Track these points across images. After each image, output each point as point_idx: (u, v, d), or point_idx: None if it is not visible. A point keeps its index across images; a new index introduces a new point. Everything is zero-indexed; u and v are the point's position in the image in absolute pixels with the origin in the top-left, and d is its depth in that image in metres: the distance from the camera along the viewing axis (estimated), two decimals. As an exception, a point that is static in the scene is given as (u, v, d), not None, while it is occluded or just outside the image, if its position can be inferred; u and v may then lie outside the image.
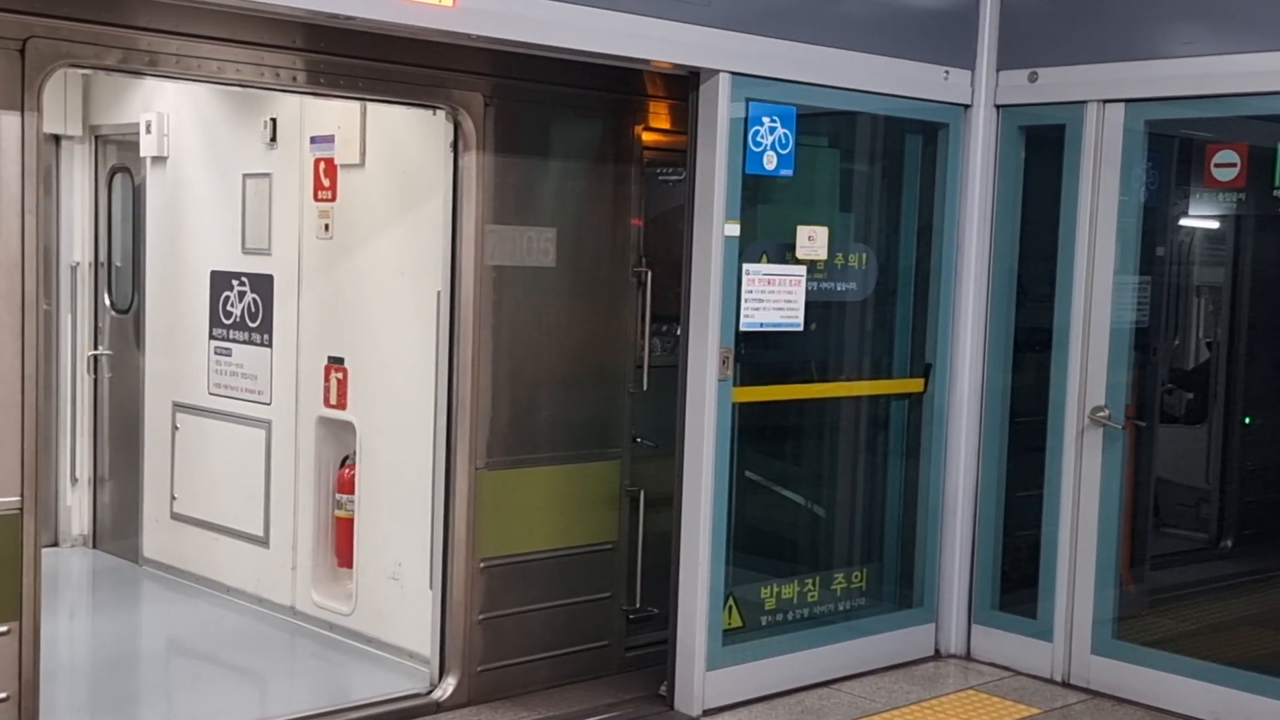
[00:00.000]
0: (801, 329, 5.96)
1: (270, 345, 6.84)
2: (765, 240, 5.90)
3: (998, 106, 6.47)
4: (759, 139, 5.67)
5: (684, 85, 5.65)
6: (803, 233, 5.95)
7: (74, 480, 8.06)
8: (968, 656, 6.63)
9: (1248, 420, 7.43)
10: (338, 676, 6.24)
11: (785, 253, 5.92)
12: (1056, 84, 6.24)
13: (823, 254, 6.03)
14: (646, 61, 5.47)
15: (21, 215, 4.47)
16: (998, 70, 6.44)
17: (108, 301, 8.00)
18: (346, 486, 6.49)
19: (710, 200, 5.55)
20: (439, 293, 5.65)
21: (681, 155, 5.77)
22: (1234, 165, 6.31)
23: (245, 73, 5.04)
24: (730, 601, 5.87)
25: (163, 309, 7.54)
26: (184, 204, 7.38)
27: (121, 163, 7.91)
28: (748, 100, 5.61)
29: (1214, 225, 7.19)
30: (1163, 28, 5.97)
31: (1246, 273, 7.26)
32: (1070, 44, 6.19)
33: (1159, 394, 6.83)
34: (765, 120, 5.68)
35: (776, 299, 5.82)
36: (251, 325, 6.94)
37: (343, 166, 6.39)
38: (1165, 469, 7.13)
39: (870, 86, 6.04)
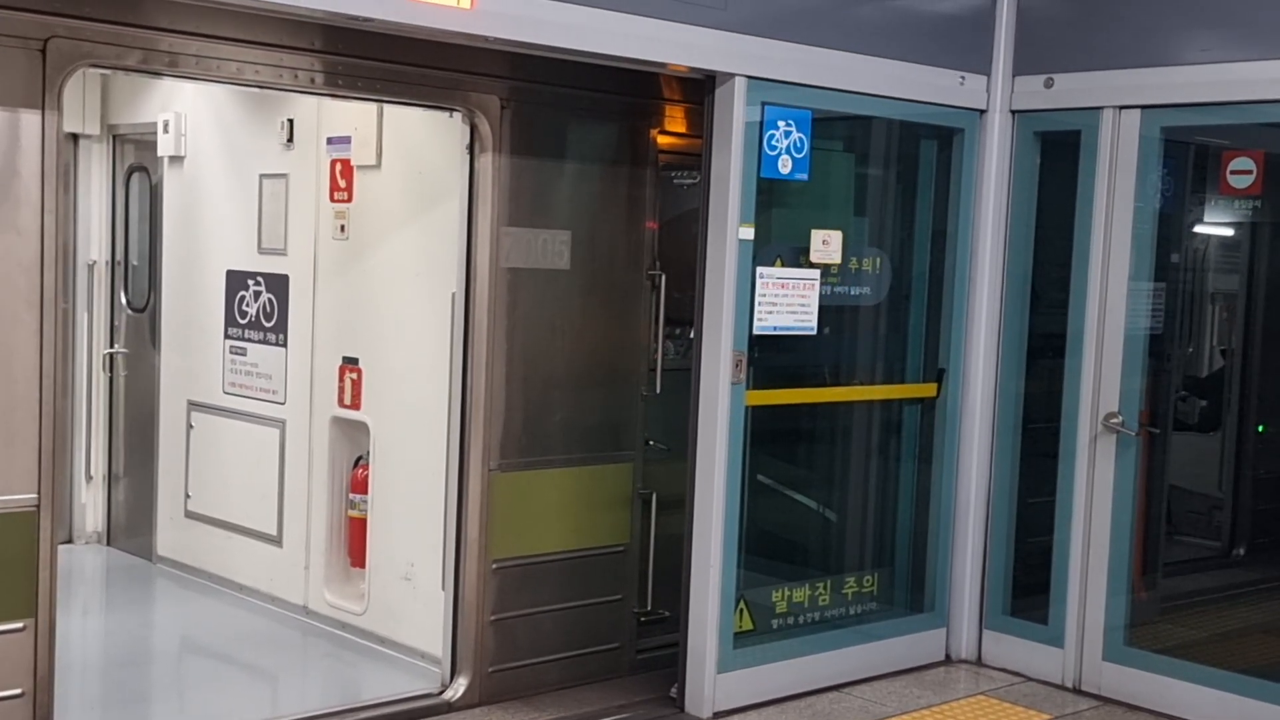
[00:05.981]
0: (815, 333, 5.96)
1: (285, 345, 6.86)
2: (779, 244, 5.90)
3: (1013, 112, 6.47)
4: (774, 143, 5.68)
5: (699, 89, 5.66)
6: (817, 237, 5.96)
7: (89, 478, 8.09)
8: (979, 662, 6.63)
9: (1261, 428, 7.41)
10: (349, 676, 6.26)
11: (799, 256, 5.92)
12: (1072, 90, 6.24)
13: (837, 258, 6.03)
14: (662, 65, 5.48)
15: (41, 214, 4.50)
16: (1013, 76, 6.44)
17: (124, 300, 8.03)
18: (360, 486, 6.51)
19: (725, 204, 5.56)
20: (454, 294, 5.66)
21: (696, 159, 5.78)
22: (1250, 172, 6.30)
23: (264, 74, 5.06)
24: (741, 604, 5.88)
25: (179, 308, 7.57)
26: (201, 203, 7.41)
27: (139, 162, 7.95)
28: (763, 104, 5.62)
29: (1229, 232, 7.17)
30: (1179, 34, 5.96)
31: (1262, 280, 7.24)
32: (1086, 50, 6.19)
33: (1173, 401, 6.82)
34: (780, 124, 5.69)
35: (790, 303, 5.83)
36: (267, 325, 6.96)
37: (359, 167, 6.41)
38: (1178, 476, 7.12)
39: (885, 91, 6.04)
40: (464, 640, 5.68)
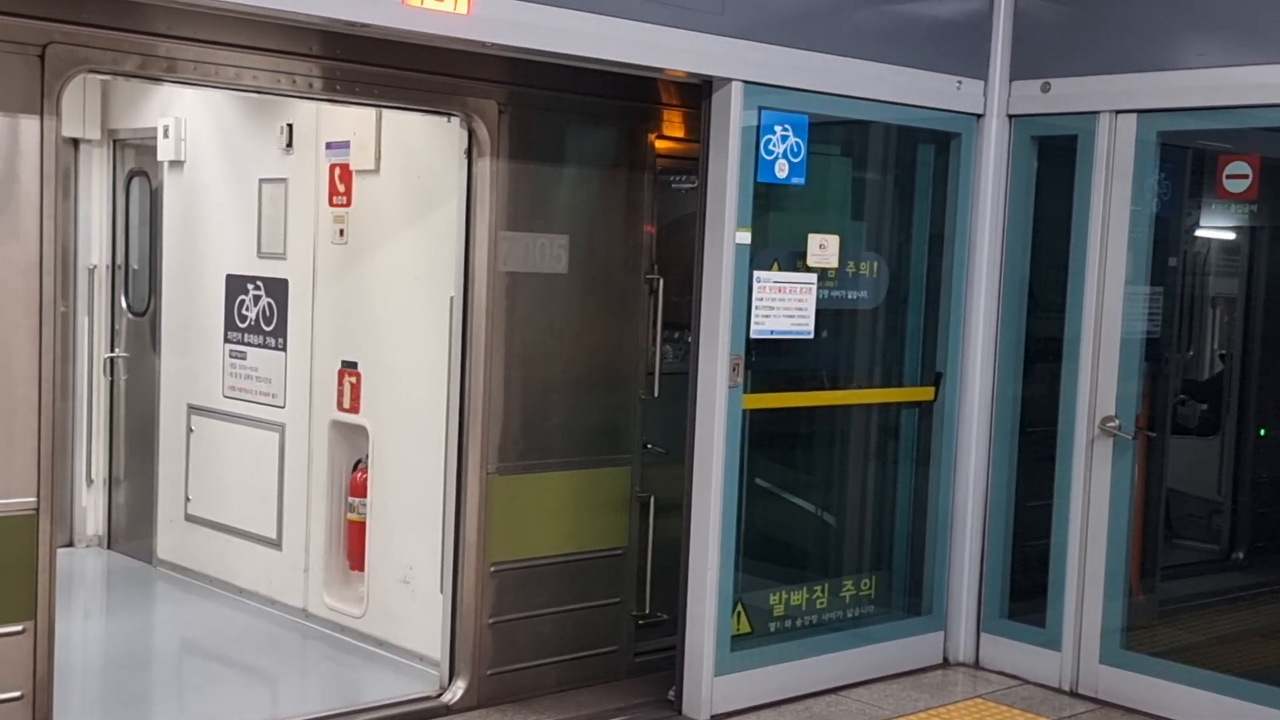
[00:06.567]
0: (812, 337, 5.98)
1: (284, 349, 6.88)
2: (776, 248, 5.92)
3: (1010, 116, 6.49)
4: (771, 147, 5.70)
5: (697, 93, 5.68)
6: (814, 241, 5.97)
7: (89, 481, 8.11)
8: (976, 665, 6.64)
9: (1262, 432, 7.41)
10: (348, 678, 6.27)
11: (796, 260, 5.94)
12: (1069, 94, 6.25)
13: (834, 262, 6.05)
14: (660, 70, 5.50)
15: (40, 218, 4.52)
16: (1010, 80, 6.45)
17: (124, 304, 8.05)
18: (359, 490, 6.53)
19: (722, 208, 5.58)
20: (452, 298, 5.68)
21: (694, 163, 5.79)
22: (1246, 177, 6.32)
23: (262, 79, 5.08)
24: (739, 607, 5.89)
25: (178, 312, 7.59)
26: (200, 208, 7.43)
27: (139, 166, 7.97)
28: (760, 109, 5.63)
29: (1227, 236, 7.19)
30: (1176, 39, 5.97)
31: (1260, 284, 7.25)
32: (1083, 54, 6.20)
33: (1171, 405, 6.83)
34: (777, 129, 5.71)
35: (787, 306, 5.84)
36: (266, 329, 6.98)
37: (358, 172, 6.43)
38: (1177, 480, 7.12)
39: (883, 96, 6.06)
40: (462, 643, 5.70)
